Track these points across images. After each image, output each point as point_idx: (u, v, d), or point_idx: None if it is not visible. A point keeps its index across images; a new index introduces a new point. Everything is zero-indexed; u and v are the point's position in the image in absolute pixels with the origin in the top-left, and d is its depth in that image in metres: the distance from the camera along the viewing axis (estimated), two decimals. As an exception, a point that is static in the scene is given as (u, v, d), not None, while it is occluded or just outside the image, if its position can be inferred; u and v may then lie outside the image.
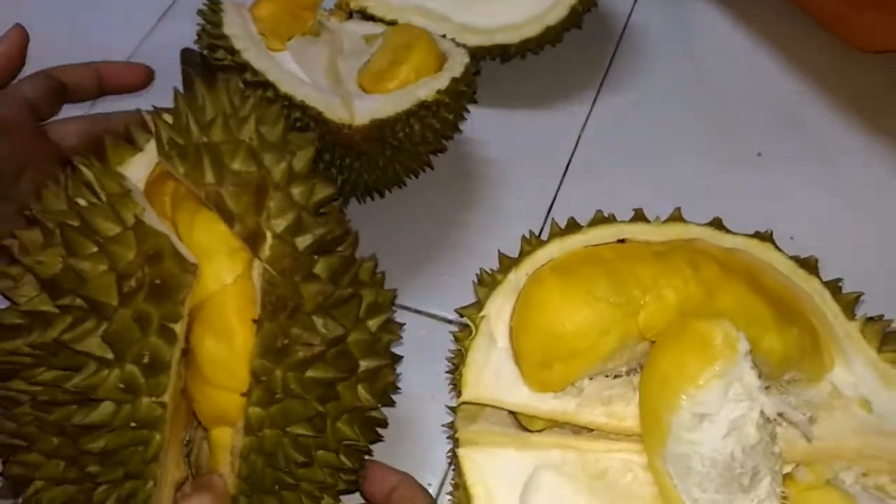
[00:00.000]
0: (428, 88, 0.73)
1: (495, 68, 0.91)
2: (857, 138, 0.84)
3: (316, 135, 0.62)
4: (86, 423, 0.51)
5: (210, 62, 0.73)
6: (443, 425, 0.64)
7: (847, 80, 0.87)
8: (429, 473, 0.68)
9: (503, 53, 0.88)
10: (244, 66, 0.72)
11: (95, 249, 0.51)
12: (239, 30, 0.74)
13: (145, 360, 0.50)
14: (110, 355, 0.50)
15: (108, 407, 0.50)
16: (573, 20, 0.88)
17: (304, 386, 0.52)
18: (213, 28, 0.75)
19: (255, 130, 0.55)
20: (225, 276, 0.53)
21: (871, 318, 0.58)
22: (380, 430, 0.69)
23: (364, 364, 0.55)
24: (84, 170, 0.54)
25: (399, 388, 0.60)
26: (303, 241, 0.52)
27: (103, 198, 0.53)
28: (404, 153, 0.76)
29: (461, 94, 0.76)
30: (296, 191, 0.54)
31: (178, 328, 0.52)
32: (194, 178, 0.53)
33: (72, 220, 0.52)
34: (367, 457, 0.59)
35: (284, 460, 0.54)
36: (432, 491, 0.67)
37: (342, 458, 0.56)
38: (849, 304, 0.58)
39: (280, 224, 0.52)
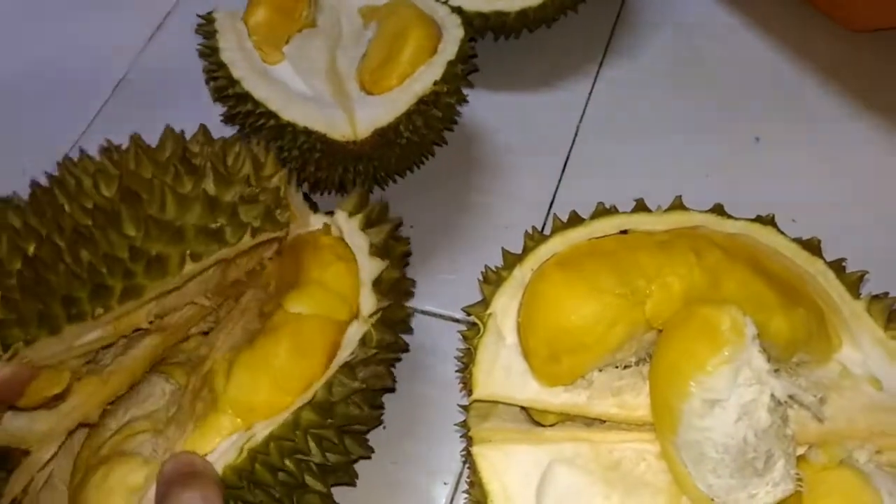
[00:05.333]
0: (424, 82, 0.74)
1: (491, 56, 0.91)
2: (854, 117, 0.84)
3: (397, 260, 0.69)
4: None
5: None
6: (455, 424, 0.64)
7: (841, 59, 0.87)
8: (443, 473, 0.68)
9: (500, 25, 0.86)
10: (245, 97, 0.73)
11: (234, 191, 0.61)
12: (235, 53, 0.75)
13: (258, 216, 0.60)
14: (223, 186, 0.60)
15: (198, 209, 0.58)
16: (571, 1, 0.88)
17: (337, 435, 0.59)
18: (211, 53, 0.75)
19: (392, 232, 0.67)
20: (334, 313, 0.62)
21: (876, 297, 0.58)
22: (391, 431, 0.70)
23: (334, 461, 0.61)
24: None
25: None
26: (391, 331, 0.63)
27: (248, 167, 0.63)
28: (414, 144, 0.77)
29: (458, 76, 0.76)
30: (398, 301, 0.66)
31: (283, 218, 0.62)
32: (368, 237, 0.64)
33: (218, 163, 0.62)
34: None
35: (272, 480, 0.56)
36: (448, 491, 0.67)
37: None
38: (853, 284, 0.59)
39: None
